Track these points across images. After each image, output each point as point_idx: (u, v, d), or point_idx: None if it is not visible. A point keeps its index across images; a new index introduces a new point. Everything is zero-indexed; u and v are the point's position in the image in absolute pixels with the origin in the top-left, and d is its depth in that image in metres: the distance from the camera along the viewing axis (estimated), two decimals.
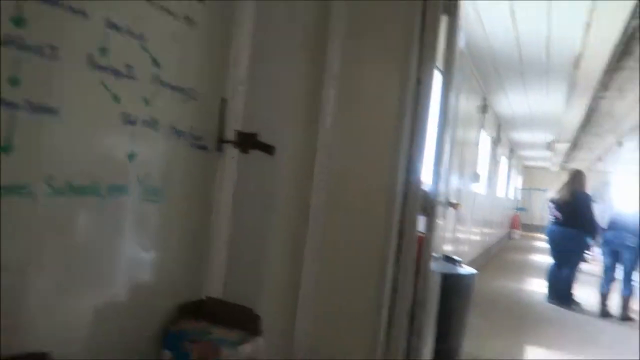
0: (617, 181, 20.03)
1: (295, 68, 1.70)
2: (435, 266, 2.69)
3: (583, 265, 6.13)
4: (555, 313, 5.56)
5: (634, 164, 16.26)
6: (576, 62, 4.91)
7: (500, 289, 6.72)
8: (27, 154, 0.97)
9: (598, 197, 7.46)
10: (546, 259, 8.43)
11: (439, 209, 2.03)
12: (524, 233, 16.91)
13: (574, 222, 5.61)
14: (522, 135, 10.90)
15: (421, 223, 1.96)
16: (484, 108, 6.81)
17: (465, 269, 3.14)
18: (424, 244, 2.00)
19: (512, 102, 7.33)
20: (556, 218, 5.76)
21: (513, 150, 13.11)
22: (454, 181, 5.45)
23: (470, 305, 3.17)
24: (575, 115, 7.63)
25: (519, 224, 16.07)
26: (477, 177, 6.79)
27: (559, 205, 5.72)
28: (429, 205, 1.95)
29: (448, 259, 3.14)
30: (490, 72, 5.85)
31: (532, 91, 6.52)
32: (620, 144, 10.31)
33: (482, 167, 7.89)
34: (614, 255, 5.46)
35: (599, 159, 14.14)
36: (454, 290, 2.94)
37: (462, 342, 3.17)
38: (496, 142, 8.95)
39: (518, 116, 8.52)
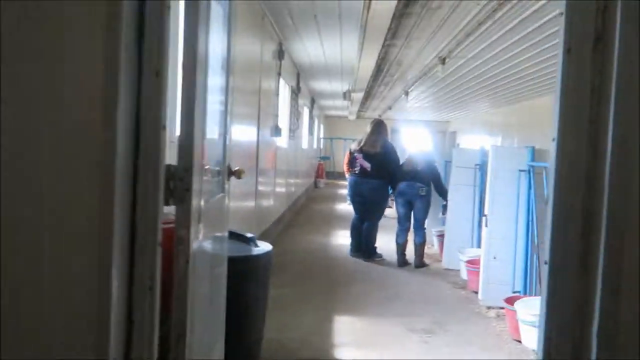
0: (405, 131, 22.44)
1: None
2: (219, 249, 2.09)
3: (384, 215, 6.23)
4: (360, 267, 5.57)
5: (418, 112, 18.13)
6: (367, 5, 4.67)
7: (309, 245, 6.58)
8: None
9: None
10: (350, 208, 8.68)
11: (196, 185, 1.37)
12: (328, 181, 17.69)
13: (382, 173, 5.61)
14: (321, 85, 10.92)
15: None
16: (280, 54, 6.34)
17: (260, 247, 2.60)
18: (176, 237, 1.34)
19: (309, 48, 7.01)
20: (362, 169, 5.66)
21: (314, 100, 13.21)
22: (252, 134, 4.88)
23: (268, 287, 2.67)
24: (369, 63, 7.69)
25: (323, 172, 16.69)
26: (278, 131, 6.35)
27: (368, 155, 5.63)
28: (178, 185, 1.28)
29: (238, 236, 2.55)
30: (284, 14, 5.33)
31: (327, 37, 6.24)
32: (406, 93, 11.04)
33: (283, 118, 7.52)
34: (407, 206, 5.58)
35: (389, 107, 15.29)
36: (246, 275, 2.39)
37: (263, 331, 2.68)
38: (296, 91, 8.66)
39: (315, 64, 8.32)
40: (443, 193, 5.61)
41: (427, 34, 5.88)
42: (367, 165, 5.60)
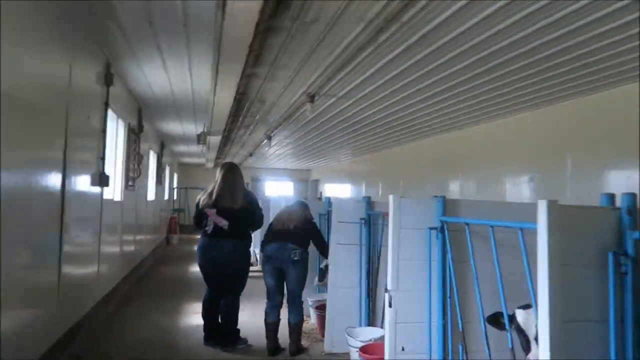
0: (266, 180, 21.50)
1: None
2: None
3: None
4: None
5: (281, 159, 17.36)
6: (221, 5, 3.49)
7: (148, 333, 4.90)
8: None
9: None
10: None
11: None
12: (182, 236, 15.72)
13: (243, 231, 4.31)
14: (170, 126, 9.38)
15: None
16: (108, 78, 4.82)
17: None
18: None
19: (149, 74, 5.58)
20: (217, 229, 4.28)
21: (164, 144, 11.53)
22: (53, 183, 3.29)
23: None
24: (226, 99, 6.50)
25: (177, 227, 14.75)
26: (105, 179, 4.73)
27: (224, 210, 4.28)
28: None
29: None
30: (106, 16, 3.90)
31: (171, 57, 4.90)
32: (269, 137, 10.05)
33: (116, 164, 5.87)
34: (277, 274, 4.30)
35: (250, 154, 14.17)
36: None
37: None
38: (137, 131, 7.06)
39: (161, 98, 6.86)
40: (326, 253, 4.47)
41: (296, 60, 4.92)
42: (224, 223, 4.27)
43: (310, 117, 7.64)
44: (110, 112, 5.12)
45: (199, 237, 4.57)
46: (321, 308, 4.73)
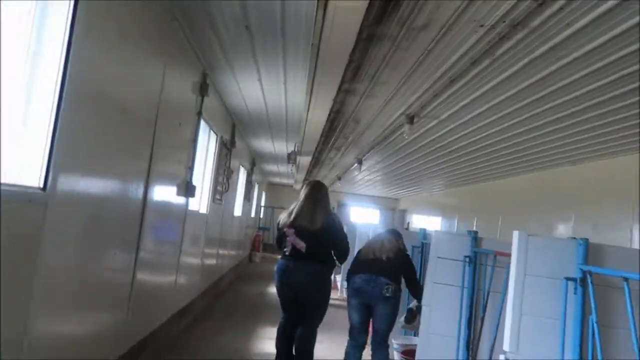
0: (353, 205, 21.14)
1: None
2: None
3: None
4: None
5: (369, 186, 16.97)
6: (320, 17, 3.20)
7: (222, 353, 4.64)
8: None
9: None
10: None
11: None
12: (265, 254, 15.74)
13: (324, 255, 3.93)
14: (263, 144, 9.36)
15: None
16: (203, 88, 4.73)
17: None
18: None
19: (244, 87, 5.47)
20: (295, 250, 3.94)
21: (255, 162, 11.60)
22: (133, 191, 3.14)
23: None
24: (320, 117, 6.26)
25: (260, 244, 14.77)
26: (191, 190, 4.61)
27: (303, 231, 3.95)
28: None
29: None
30: (204, 25, 3.78)
31: (267, 72, 4.73)
32: (360, 161, 9.70)
33: (204, 175, 5.79)
34: (364, 311, 3.84)
35: (338, 178, 13.92)
36: None
37: None
38: (229, 146, 7.02)
39: (254, 113, 6.78)
40: (419, 292, 3.94)
41: (398, 76, 4.52)
42: (302, 244, 3.89)
43: (407, 140, 7.19)
44: (202, 124, 5.03)
45: (279, 257, 4.24)
46: (408, 354, 4.18)
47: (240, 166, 9.14)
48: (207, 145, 5.66)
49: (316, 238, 3.87)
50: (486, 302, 3.55)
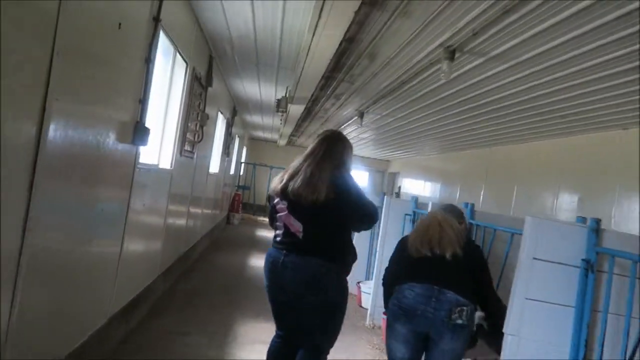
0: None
1: None
2: None
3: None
4: None
5: (360, 146, 15.50)
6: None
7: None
8: None
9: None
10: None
11: None
12: (245, 215, 14.32)
13: (334, 243, 2.48)
14: (247, 87, 7.76)
15: None
16: None
17: None
18: None
19: (228, 5, 3.88)
20: (288, 234, 2.50)
21: (236, 109, 9.99)
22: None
23: None
24: (327, 46, 4.73)
25: (240, 205, 13.31)
26: (140, 133, 3.09)
27: (300, 207, 2.48)
28: None
29: None
30: None
31: None
32: (361, 115, 8.20)
33: (168, 116, 4.25)
34: (416, 343, 2.40)
35: None
36: None
37: None
38: (204, 83, 5.43)
39: (239, 40, 5.19)
40: (497, 311, 2.52)
41: None
42: (298, 226, 2.47)
43: (426, 89, 5.74)
44: (163, 38, 3.46)
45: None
46: None
47: (219, 113, 7.55)
48: (171, 75, 4.08)
49: (318, 216, 2.43)
50: (605, 331, 2.20)
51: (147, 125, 3.19)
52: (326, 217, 2.44)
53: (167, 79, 4.01)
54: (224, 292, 5.54)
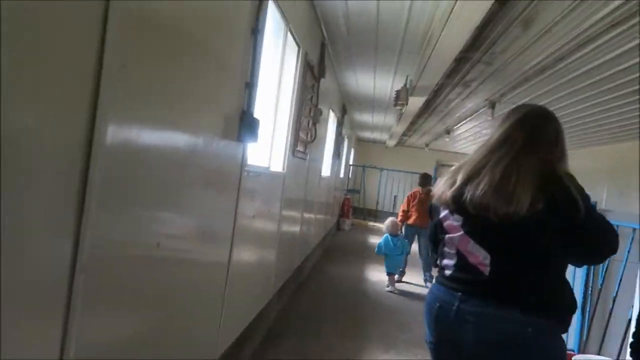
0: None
1: None
2: None
3: None
4: None
5: (471, 141, 14.05)
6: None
7: None
8: None
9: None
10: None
11: None
12: (355, 220, 13.59)
13: (539, 284, 1.56)
14: (359, 79, 6.98)
15: None
16: None
17: None
18: None
19: None
20: (465, 266, 1.57)
21: (347, 109, 9.27)
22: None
23: None
24: (467, 20, 3.77)
25: (350, 210, 12.59)
26: (248, 126, 2.39)
27: (479, 221, 1.55)
28: None
29: None
30: None
31: None
32: (493, 105, 7.04)
33: (276, 108, 3.56)
34: None
35: (447, 131, 11.29)
36: None
37: None
38: (317, 72, 4.73)
39: (356, 26, 4.41)
40: None
41: None
42: (481, 257, 1.56)
43: (579, 70, 4.53)
44: (273, 8, 2.76)
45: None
46: None
47: (330, 111, 6.85)
48: (282, 57, 3.38)
49: (519, 240, 1.52)
50: None
51: (255, 116, 2.50)
52: (530, 243, 1.52)
53: (278, 63, 3.32)
54: (345, 314, 4.77)
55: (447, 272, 1.69)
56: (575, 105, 6.33)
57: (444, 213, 1.71)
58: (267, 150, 3.30)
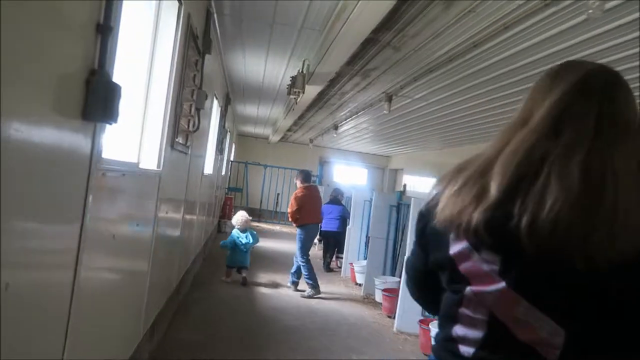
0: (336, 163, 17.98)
1: None
2: None
3: None
4: None
5: (359, 140, 13.93)
6: None
7: None
8: None
9: None
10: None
11: None
12: None
13: None
14: (249, 61, 6.10)
15: None
16: None
17: None
18: None
19: None
20: (509, 344, 0.87)
21: (230, 98, 8.30)
22: None
23: None
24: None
25: (231, 210, 11.58)
26: (103, 98, 1.40)
27: (558, 272, 0.84)
28: None
29: None
30: None
31: None
32: (390, 98, 6.63)
33: (148, 81, 2.58)
34: None
35: (335, 126, 10.86)
36: None
37: None
38: (200, 45, 3.78)
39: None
40: None
41: None
42: (544, 332, 0.82)
43: (500, 56, 4.21)
44: None
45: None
46: None
47: (214, 97, 5.87)
48: (157, 14, 2.40)
49: (623, 304, 0.82)
50: None
51: (115, 81, 1.54)
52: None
53: (152, 14, 2.34)
54: (240, 343, 3.88)
55: (465, 351, 0.94)
56: (471, 101, 6.16)
57: (459, 247, 0.95)
58: (136, 138, 2.31)
